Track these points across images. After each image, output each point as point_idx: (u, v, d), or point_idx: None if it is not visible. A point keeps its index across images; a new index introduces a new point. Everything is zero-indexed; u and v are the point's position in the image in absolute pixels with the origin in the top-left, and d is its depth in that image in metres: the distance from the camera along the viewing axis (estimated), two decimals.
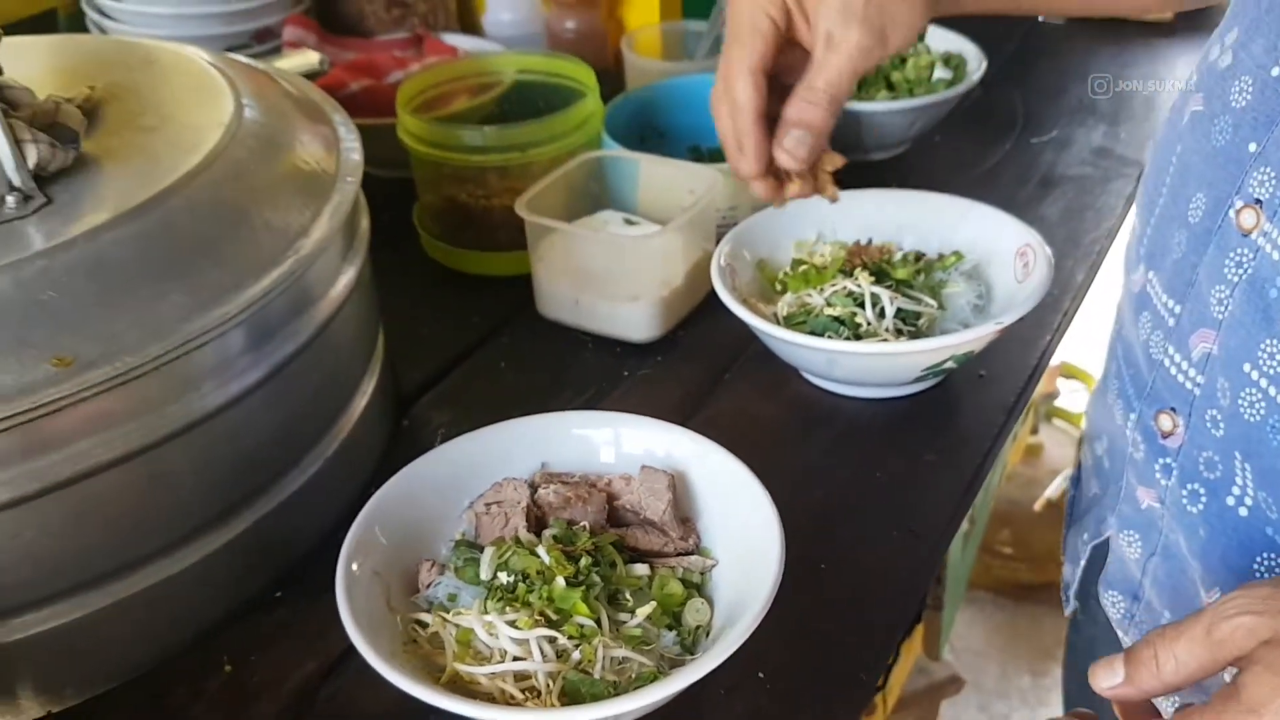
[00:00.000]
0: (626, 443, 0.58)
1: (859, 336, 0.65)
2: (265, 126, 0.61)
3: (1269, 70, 0.44)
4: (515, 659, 0.47)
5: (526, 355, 0.77)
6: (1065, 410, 1.86)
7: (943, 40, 0.96)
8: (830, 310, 0.66)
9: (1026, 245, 0.68)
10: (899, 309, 0.65)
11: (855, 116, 0.89)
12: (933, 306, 0.67)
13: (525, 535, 0.52)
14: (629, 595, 0.50)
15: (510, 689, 0.46)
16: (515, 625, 0.47)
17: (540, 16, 1.02)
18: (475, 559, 0.52)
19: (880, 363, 0.64)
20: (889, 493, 0.63)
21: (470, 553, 0.53)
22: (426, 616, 0.50)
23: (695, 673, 0.45)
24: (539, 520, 0.55)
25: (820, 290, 0.67)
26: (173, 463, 0.52)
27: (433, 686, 0.45)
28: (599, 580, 0.50)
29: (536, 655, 0.47)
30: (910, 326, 0.66)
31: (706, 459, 0.56)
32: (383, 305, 0.70)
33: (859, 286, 0.66)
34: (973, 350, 0.64)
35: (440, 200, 0.84)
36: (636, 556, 0.54)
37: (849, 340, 0.64)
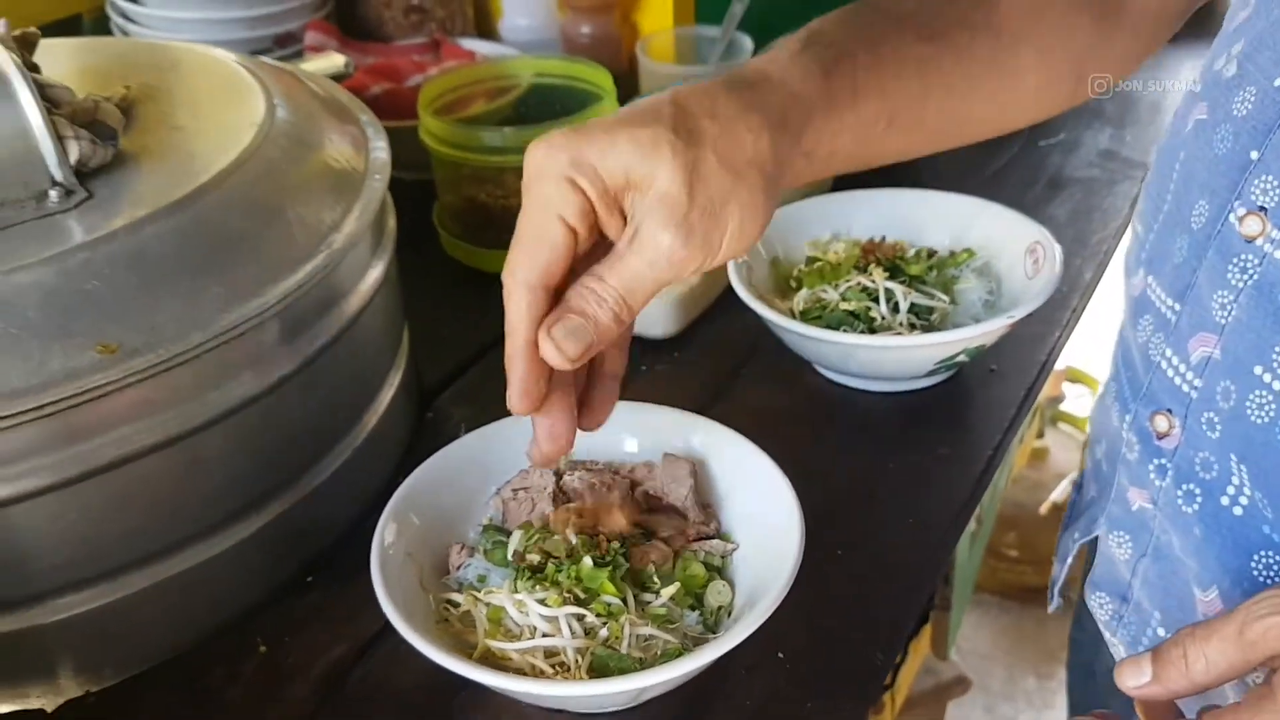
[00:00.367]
0: (649, 432, 0.59)
1: (873, 331, 0.67)
2: (296, 126, 0.63)
3: (1273, 80, 0.45)
4: (545, 635, 0.48)
5: None
6: (1070, 414, 1.87)
7: None
8: (845, 305, 0.67)
9: (1036, 242, 0.70)
10: (912, 304, 0.67)
11: None
12: (945, 302, 0.69)
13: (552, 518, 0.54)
14: (655, 577, 0.52)
15: (540, 664, 0.48)
16: (545, 603, 0.49)
17: (555, 22, 1.04)
18: (504, 542, 0.54)
19: (895, 356, 0.66)
20: (903, 483, 0.65)
21: (498, 536, 0.55)
22: (458, 596, 0.52)
23: (720, 648, 0.46)
24: (564, 504, 0.56)
25: (835, 286, 0.69)
26: (210, 449, 0.54)
27: (467, 660, 0.46)
28: (624, 561, 0.51)
29: (566, 632, 0.48)
30: (923, 321, 0.67)
31: (726, 448, 0.58)
32: (405, 303, 0.72)
33: (873, 282, 0.68)
34: (984, 344, 0.66)
35: (460, 200, 0.86)
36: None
37: (864, 334, 0.66)
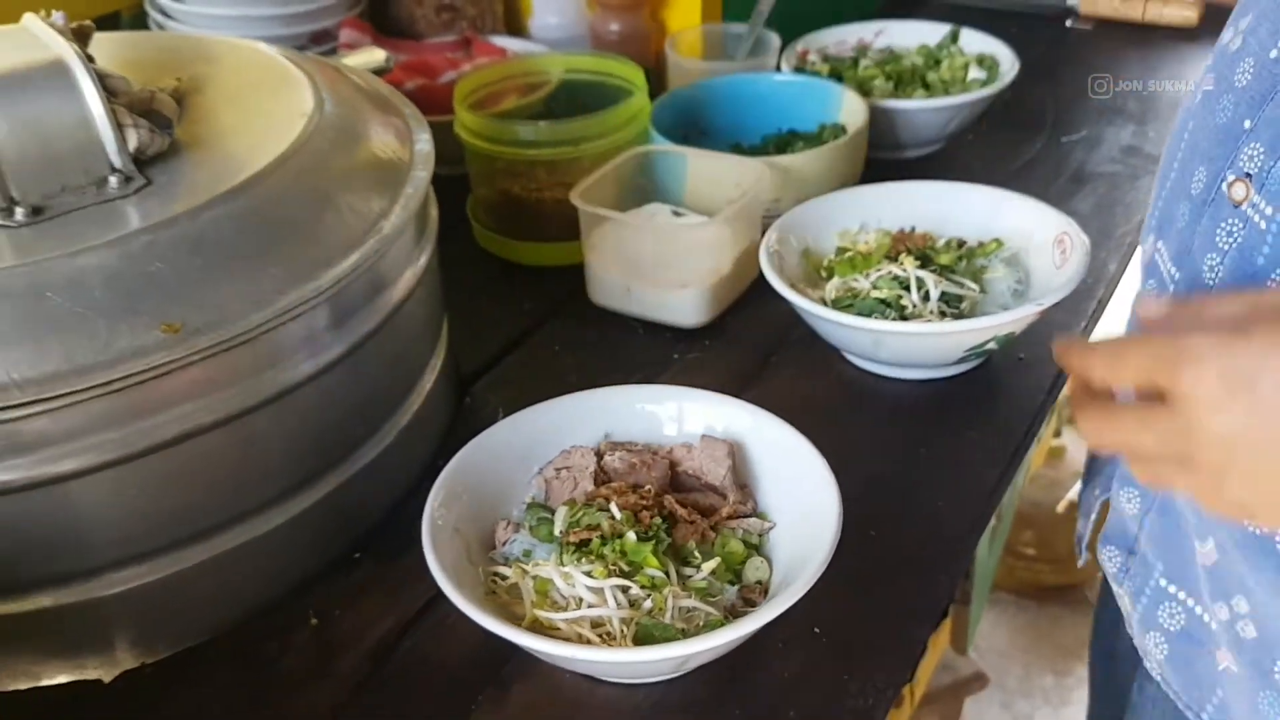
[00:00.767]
0: (688, 416, 0.61)
1: (904, 318, 0.68)
2: (343, 118, 0.65)
3: (1269, 52, 0.47)
4: (590, 606, 0.50)
5: (579, 340, 0.80)
6: None
7: (977, 42, 1.00)
8: (877, 293, 0.69)
9: (1064, 233, 0.71)
10: (943, 292, 0.68)
11: (892, 114, 0.92)
12: (975, 290, 0.70)
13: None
14: (695, 553, 0.53)
15: (587, 633, 0.49)
16: (591, 575, 0.50)
17: (585, 19, 1.06)
18: (548, 519, 0.55)
19: (926, 342, 0.67)
20: (934, 467, 0.66)
21: (543, 513, 0.56)
22: (505, 569, 0.54)
23: (761, 618, 0.48)
24: (605, 484, 0.58)
25: (866, 275, 0.71)
26: (264, 429, 0.56)
27: (518, 628, 0.48)
28: (666, 537, 0.53)
29: (611, 603, 0.50)
30: (953, 309, 0.69)
31: (763, 430, 0.59)
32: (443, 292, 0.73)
33: (904, 271, 0.69)
34: (1014, 331, 0.67)
35: (494, 193, 0.87)
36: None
37: (896, 321, 0.67)
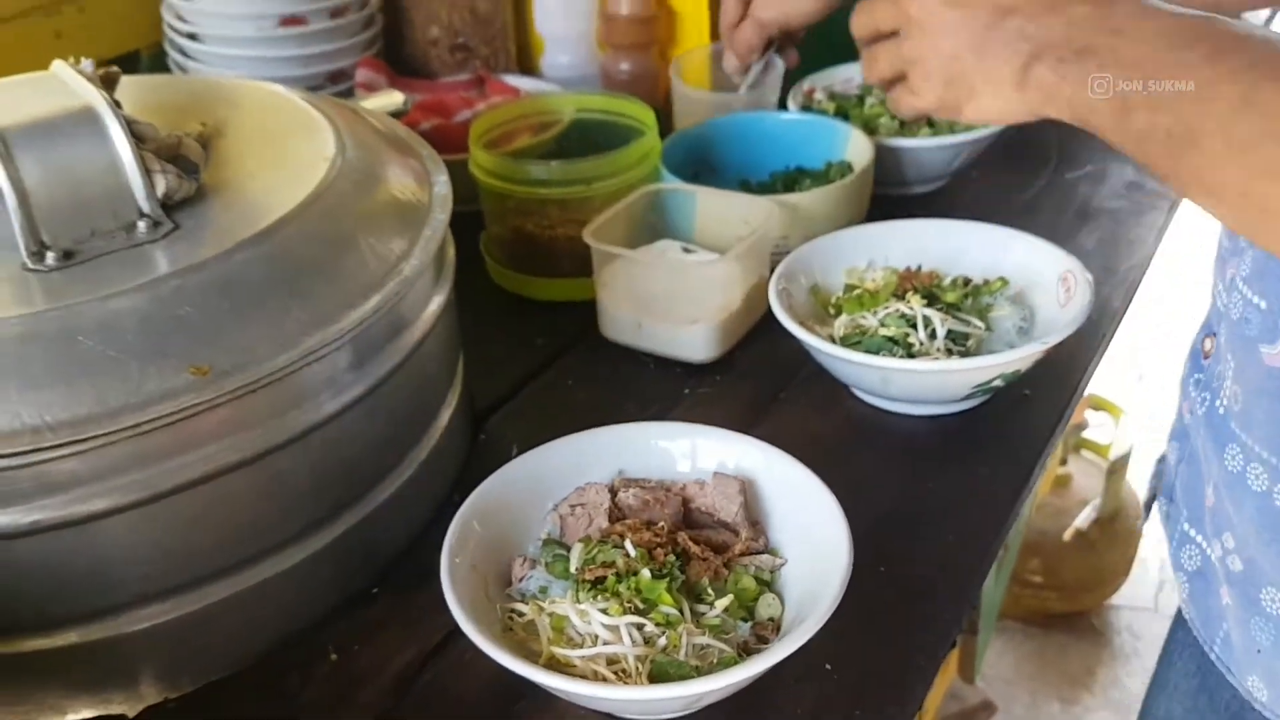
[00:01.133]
0: (700, 452, 0.62)
1: (912, 355, 0.69)
2: (364, 161, 0.66)
3: None
4: (606, 644, 0.51)
5: (591, 375, 0.81)
6: (1093, 441, 1.89)
7: None
8: (885, 331, 0.70)
9: (1069, 271, 0.73)
10: (949, 330, 0.70)
11: (898, 152, 0.94)
12: (981, 328, 0.71)
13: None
14: (709, 589, 0.54)
15: (603, 670, 0.50)
16: (606, 613, 0.51)
17: (596, 58, 1.08)
18: (564, 555, 0.57)
19: (933, 380, 0.69)
20: (942, 503, 0.67)
21: (558, 549, 0.57)
22: (521, 606, 0.55)
23: (775, 656, 0.49)
24: (619, 520, 0.59)
25: (874, 312, 0.72)
26: (288, 467, 0.57)
27: (535, 665, 0.49)
28: (680, 574, 0.54)
29: (626, 640, 0.51)
30: (960, 347, 0.70)
31: (774, 467, 0.60)
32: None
33: (911, 309, 0.70)
34: (1020, 369, 0.68)
35: (507, 230, 0.89)
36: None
37: (904, 359, 0.69)
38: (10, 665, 0.54)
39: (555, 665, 0.52)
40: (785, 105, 1.02)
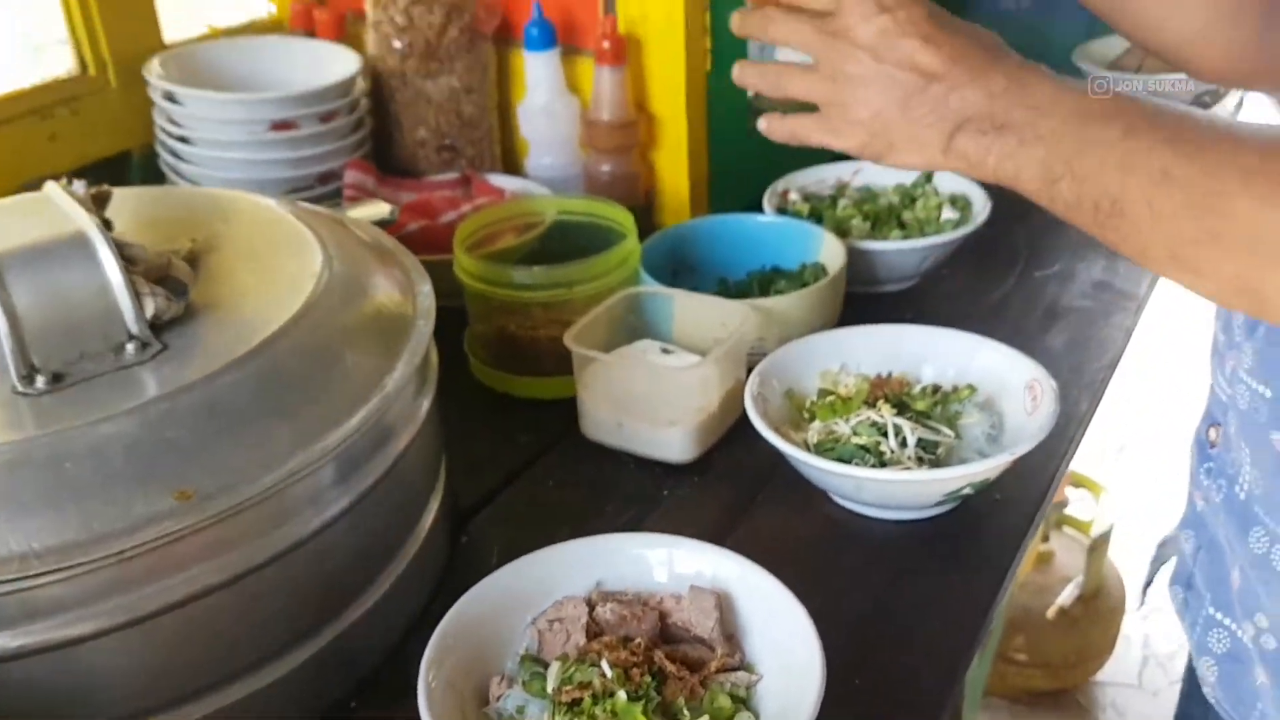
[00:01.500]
0: (677, 562, 0.63)
1: (883, 463, 0.71)
2: (349, 275, 0.68)
3: None
4: None
5: (573, 474, 0.83)
6: (1075, 518, 1.90)
7: (950, 183, 1.05)
8: (856, 439, 0.72)
9: (1034, 380, 0.75)
10: (920, 438, 0.72)
11: (870, 255, 0.96)
12: (950, 436, 0.73)
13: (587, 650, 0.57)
14: (685, 709, 0.55)
15: None
16: None
17: (579, 160, 1.11)
18: (541, 673, 0.57)
19: (904, 489, 0.70)
20: (916, 610, 0.68)
21: (536, 667, 0.58)
22: None
23: None
24: (597, 636, 0.60)
25: (846, 420, 0.74)
26: (270, 584, 0.58)
27: None
28: (656, 695, 0.55)
29: None
30: (930, 455, 0.72)
31: (749, 579, 0.61)
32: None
33: (882, 417, 0.72)
34: (988, 478, 0.70)
35: (491, 330, 0.91)
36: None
37: (875, 468, 0.70)
38: None
39: None
40: (761, 207, 1.05)
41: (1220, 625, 0.63)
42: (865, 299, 0.97)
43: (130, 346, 0.59)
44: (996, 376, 0.77)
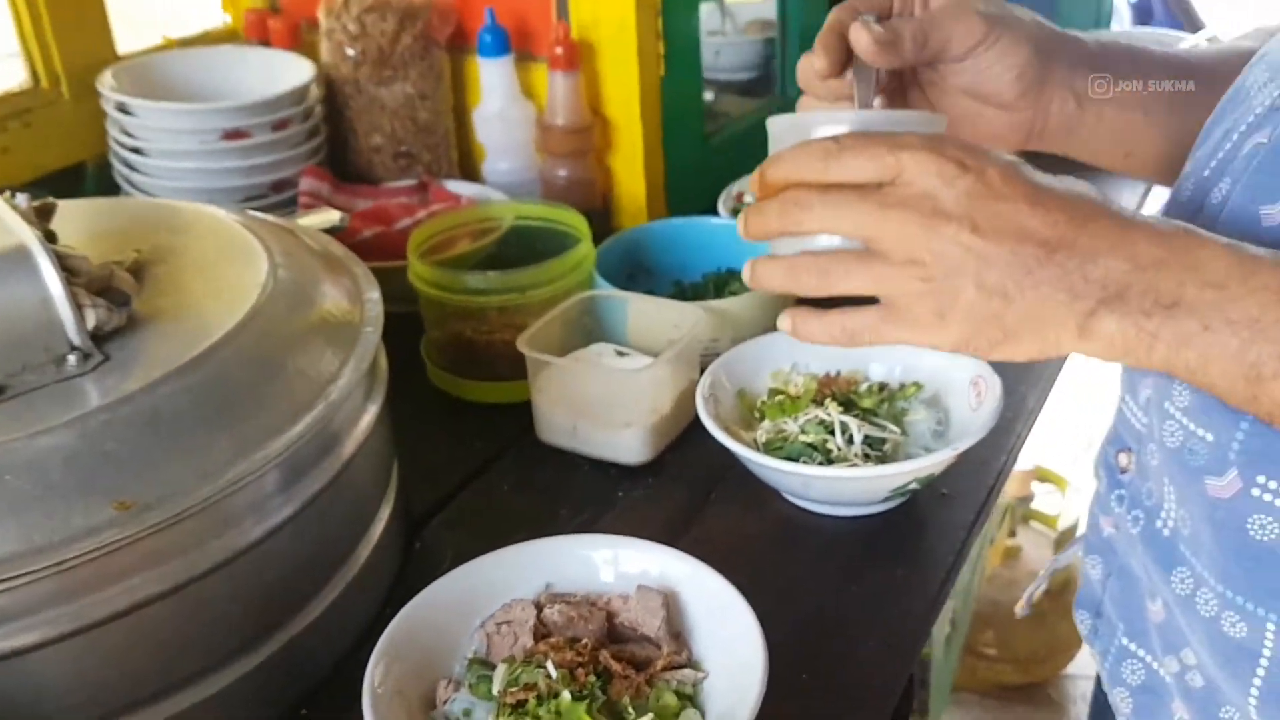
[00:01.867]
0: (624, 563, 0.64)
1: (830, 461, 0.72)
2: (296, 283, 0.68)
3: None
4: None
5: (527, 478, 0.83)
6: (1041, 512, 1.92)
7: None
8: (804, 437, 0.73)
9: (979, 376, 0.76)
10: (866, 435, 0.72)
11: None
12: (896, 432, 0.74)
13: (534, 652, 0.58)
14: (630, 708, 0.56)
15: None
16: None
17: (535, 165, 1.11)
18: (488, 676, 0.58)
19: (850, 485, 0.71)
20: (865, 605, 0.69)
21: (483, 670, 0.58)
22: None
23: None
24: (545, 637, 0.60)
25: (795, 419, 0.74)
26: (214, 593, 0.58)
27: None
28: (601, 694, 0.55)
29: None
30: (877, 451, 0.73)
31: (696, 578, 0.62)
32: (394, 433, 0.76)
33: (829, 415, 0.73)
34: (934, 473, 0.71)
35: (446, 335, 0.91)
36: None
37: (821, 465, 0.71)
38: None
39: None
40: (716, 210, 1.05)
41: (1135, 657, 0.60)
42: (817, 300, 0.98)
43: (72, 358, 0.59)
44: (942, 373, 0.78)
